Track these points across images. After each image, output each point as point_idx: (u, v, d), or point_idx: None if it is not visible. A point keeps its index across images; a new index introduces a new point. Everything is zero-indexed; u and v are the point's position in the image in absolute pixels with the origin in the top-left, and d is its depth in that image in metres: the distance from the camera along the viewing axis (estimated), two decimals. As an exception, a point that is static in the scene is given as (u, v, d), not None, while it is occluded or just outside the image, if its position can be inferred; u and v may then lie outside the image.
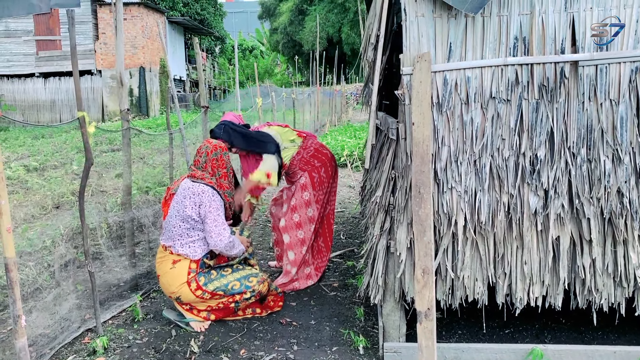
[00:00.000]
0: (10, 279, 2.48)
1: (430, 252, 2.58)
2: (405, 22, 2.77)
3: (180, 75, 27.68)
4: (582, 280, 2.81)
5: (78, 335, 3.33)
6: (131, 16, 22.42)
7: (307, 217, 4.04)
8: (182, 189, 3.42)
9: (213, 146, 3.51)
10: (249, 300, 3.46)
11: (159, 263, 3.46)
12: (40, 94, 22.81)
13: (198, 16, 30.61)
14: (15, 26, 22.30)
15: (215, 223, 3.34)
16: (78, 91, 3.20)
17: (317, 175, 4.05)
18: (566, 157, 2.73)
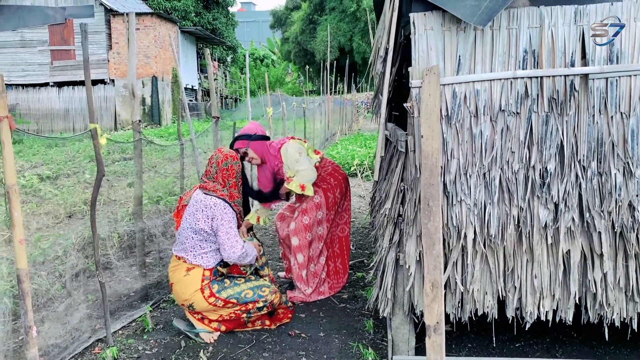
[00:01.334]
0: (22, 290, 2.51)
1: (440, 265, 2.58)
2: (414, 36, 2.78)
3: (192, 85, 27.88)
4: (593, 294, 2.79)
5: (88, 345, 3.35)
6: (144, 26, 22.67)
7: (317, 235, 4.07)
8: (194, 201, 3.45)
9: (224, 156, 3.54)
10: (261, 311, 3.46)
11: (172, 271, 3.48)
12: (54, 103, 23.09)
13: (210, 26, 30.87)
14: (31, 36, 22.64)
15: (228, 236, 3.36)
16: (91, 103, 3.24)
17: (332, 195, 4.09)
18: (576, 171, 2.72)
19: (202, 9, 30.85)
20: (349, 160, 10.22)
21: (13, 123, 2.42)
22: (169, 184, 7.92)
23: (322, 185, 4.05)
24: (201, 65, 30.01)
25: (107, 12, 22.47)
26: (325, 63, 18.08)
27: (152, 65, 23.14)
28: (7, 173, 2.42)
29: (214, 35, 29.49)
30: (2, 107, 2.38)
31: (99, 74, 22.47)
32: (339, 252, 4.29)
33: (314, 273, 4.11)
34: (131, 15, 3.95)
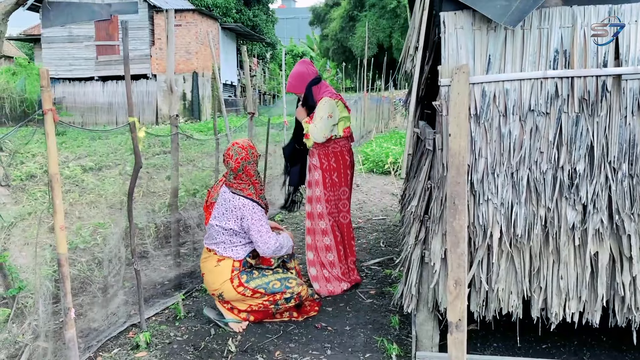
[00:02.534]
0: (62, 273, 2.66)
1: (464, 263, 2.60)
2: (444, 35, 2.80)
3: (232, 81, 28.28)
4: (622, 298, 2.75)
5: (123, 329, 3.50)
6: (186, 22, 23.12)
7: (317, 212, 4.21)
8: (223, 199, 3.55)
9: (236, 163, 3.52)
10: (289, 302, 3.55)
11: (204, 262, 3.60)
12: (98, 97, 23.81)
13: (250, 22, 31.23)
14: (78, 32, 23.39)
15: (260, 233, 3.46)
16: (129, 97, 3.37)
17: (329, 177, 4.20)
18: (606, 172, 2.69)
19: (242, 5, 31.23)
20: (383, 158, 10.21)
21: (57, 116, 2.56)
22: (205, 177, 8.10)
23: (324, 160, 4.17)
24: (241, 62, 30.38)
25: (150, 9, 23.01)
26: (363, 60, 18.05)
27: (193, 61, 23.58)
28: (50, 163, 2.57)
29: (253, 32, 29.81)
30: (46, 100, 2.53)
31: (141, 69, 23.05)
32: (347, 239, 4.37)
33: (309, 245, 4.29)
34: (170, 13, 4.09)
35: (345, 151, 4.27)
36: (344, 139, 4.26)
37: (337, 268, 4.24)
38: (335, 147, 4.20)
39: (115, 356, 3.18)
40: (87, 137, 16.85)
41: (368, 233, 6.07)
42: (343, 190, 4.28)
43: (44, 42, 24.03)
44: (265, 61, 37.58)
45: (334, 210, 4.26)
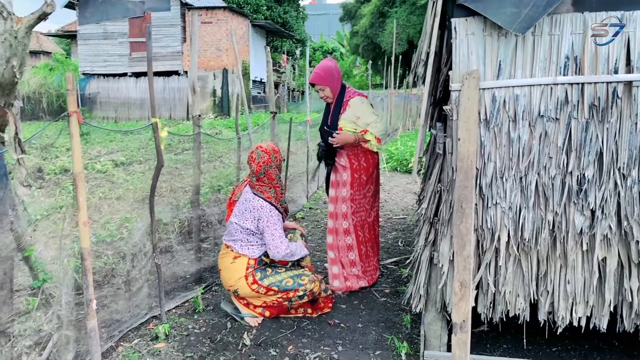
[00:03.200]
0: (84, 266, 2.81)
1: (469, 266, 2.65)
2: (455, 40, 2.85)
3: (262, 77, 28.52)
4: (630, 303, 2.76)
5: (144, 321, 3.66)
6: (217, 20, 23.42)
7: (342, 212, 4.27)
8: (244, 199, 3.68)
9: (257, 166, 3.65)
10: (302, 299, 3.65)
11: (221, 258, 3.73)
12: (131, 93, 24.35)
13: (280, 19, 31.45)
14: (113, 29, 23.94)
15: (273, 237, 3.57)
16: (152, 97, 3.51)
17: (358, 176, 4.25)
18: (615, 178, 2.70)
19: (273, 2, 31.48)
20: (407, 157, 10.22)
21: (81, 117, 2.70)
22: (229, 175, 8.26)
23: (353, 160, 4.22)
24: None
25: (182, 6, 23.38)
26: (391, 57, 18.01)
27: (224, 58, 23.89)
28: (74, 162, 2.72)
29: (283, 29, 29.99)
30: (72, 103, 2.68)
31: (173, 65, 23.47)
32: (369, 237, 4.42)
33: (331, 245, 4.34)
34: (194, 17, 4.23)
35: (368, 150, 4.29)
36: None
37: (358, 267, 4.32)
38: (362, 146, 4.23)
39: (135, 346, 3.33)
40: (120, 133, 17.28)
41: (387, 232, 6.13)
42: (369, 189, 4.34)
43: (79, 38, 24.67)
44: (295, 58, 37.76)
45: (358, 210, 4.32)
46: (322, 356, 3.28)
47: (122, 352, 3.22)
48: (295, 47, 36.69)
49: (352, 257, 4.31)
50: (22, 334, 2.85)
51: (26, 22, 1.83)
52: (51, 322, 3.16)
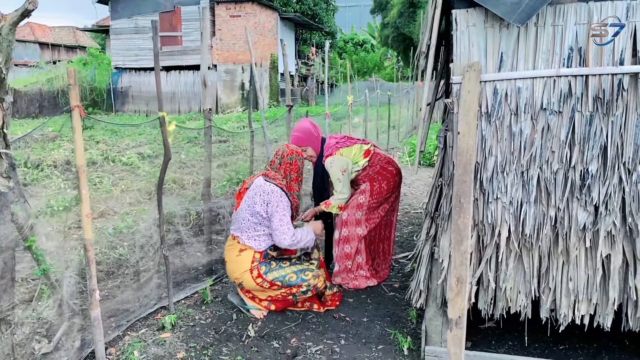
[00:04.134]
0: (88, 257, 2.88)
1: (466, 261, 2.61)
2: (456, 32, 2.80)
3: (290, 70, 28.57)
4: (635, 302, 2.68)
5: (153, 311, 3.73)
6: (245, 13, 23.52)
7: (355, 219, 4.20)
8: (255, 185, 3.70)
9: (290, 150, 3.81)
10: (306, 294, 3.66)
11: (227, 250, 3.77)
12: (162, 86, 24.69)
13: (310, 11, 31.35)
14: (143, 23, 24.29)
15: (281, 222, 3.58)
16: (159, 92, 3.57)
17: (378, 185, 4.21)
18: (620, 173, 2.62)
19: (303, -6, 31.41)
20: (431, 150, 10.10)
21: (83, 112, 2.76)
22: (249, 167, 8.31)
23: (369, 180, 4.21)
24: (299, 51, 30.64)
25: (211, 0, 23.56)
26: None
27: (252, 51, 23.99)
28: (77, 155, 2.78)
29: (312, 22, 29.94)
30: (74, 97, 2.73)
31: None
32: (387, 235, 4.42)
33: (347, 254, 4.26)
34: (205, 12, 4.27)
35: (384, 164, 4.27)
36: (374, 158, 4.25)
37: (364, 269, 4.29)
38: (374, 167, 4.22)
39: (141, 335, 3.40)
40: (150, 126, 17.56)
41: (404, 226, 6.09)
42: (389, 200, 4.32)
43: (112, 33, 25.15)
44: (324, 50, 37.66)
45: (372, 216, 4.29)
46: (324, 349, 3.29)
47: (128, 341, 3.29)
48: (325, 40, 36.59)
49: (360, 260, 4.27)
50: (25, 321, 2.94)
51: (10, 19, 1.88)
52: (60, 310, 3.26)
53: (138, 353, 3.14)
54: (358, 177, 4.22)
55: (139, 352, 3.15)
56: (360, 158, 4.17)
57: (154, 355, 3.17)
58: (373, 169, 4.21)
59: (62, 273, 2.92)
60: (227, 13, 23.68)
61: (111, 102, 25.61)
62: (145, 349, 3.23)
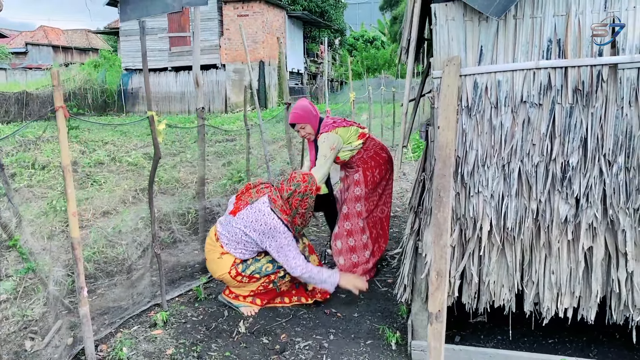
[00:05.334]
0: (75, 255, 2.92)
1: (445, 255, 2.61)
2: (436, 26, 2.80)
3: (298, 69, 28.60)
4: (618, 294, 2.67)
5: (146, 308, 3.78)
6: (252, 12, 23.60)
7: (356, 211, 4.20)
8: (258, 210, 3.55)
9: (304, 187, 3.64)
10: (285, 279, 3.67)
11: (208, 250, 3.75)
12: (171, 87, 24.90)
13: (318, 9, 31.33)
14: (152, 24, 24.51)
15: (287, 258, 3.53)
16: (148, 91, 3.61)
17: (371, 174, 4.21)
18: (601, 165, 2.60)
19: (311, -8, 31.40)
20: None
21: (67, 112, 2.81)
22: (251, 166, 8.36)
23: (362, 165, 4.20)
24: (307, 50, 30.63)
25: (219, 0, 23.66)
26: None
27: (260, 50, 24.07)
28: (62, 155, 2.82)
29: (320, 20, 29.92)
30: (58, 98, 2.78)
31: (211, 59, 23.82)
32: (382, 233, 4.42)
33: (352, 247, 4.26)
34: (196, 11, 4.29)
35: (378, 149, 4.31)
36: (369, 142, 4.27)
37: (370, 263, 4.32)
38: (368, 152, 4.24)
39: (134, 333, 3.45)
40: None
41: (402, 222, 6.08)
42: (381, 185, 4.34)
43: (122, 35, 25.38)
44: (334, 48, 37.62)
45: (371, 207, 4.32)
46: (313, 345, 3.31)
47: (119, 338, 3.34)
48: (334, 37, 36.54)
49: (367, 255, 4.28)
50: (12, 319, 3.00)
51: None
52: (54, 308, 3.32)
53: (127, 349, 3.19)
54: (352, 160, 4.21)
55: (128, 349, 3.19)
56: (355, 139, 4.18)
57: (144, 351, 3.21)
58: (367, 153, 4.22)
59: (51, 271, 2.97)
60: (235, 12, 23.78)
61: (122, 103, 25.85)
62: (136, 345, 3.27)
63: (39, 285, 3.43)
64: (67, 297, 3.73)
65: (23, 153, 10.14)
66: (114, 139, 13.31)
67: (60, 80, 2.79)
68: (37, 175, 8.12)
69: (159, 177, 7.90)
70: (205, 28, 23.58)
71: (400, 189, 7.83)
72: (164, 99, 24.99)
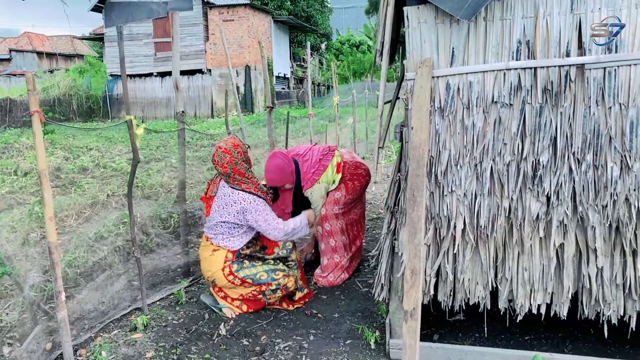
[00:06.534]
0: (52, 260, 2.92)
1: (420, 253, 2.65)
2: (408, 29, 2.84)
3: (285, 73, 28.64)
4: (589, 290, 2.72)
5: (127, 312, 3.77)
6: (238, 17, 23.62)
7: (333, 213, 4.26)
8: (222, 194, 3.66)
9: (222, 167, 3.61)
10: (275, 293, 3.70)
11: (201, 250, 3.80)
12: (157, 92, 24.82)
13: (304, 13, 31.46)
14: (137, 30, 24.45)
15: (267, 222, 3.61)
16: (126, 97, 3.61)
17: (352, 183, 4.31)
18: (570, 163, 2.66)
19: (296, -4, 31.52)
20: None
21: (42, 117, 2.81)
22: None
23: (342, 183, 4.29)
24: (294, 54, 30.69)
25: (204, 5, 23.68)
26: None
27: (246, 55, 24.09)
28: (38, 160, 2.82)
29: (306, 24, 30.02)
30: (33, 103, 2.78)
31: (196, 64, 23.80)
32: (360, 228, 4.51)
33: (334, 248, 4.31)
34: (175, 16, 4.30)
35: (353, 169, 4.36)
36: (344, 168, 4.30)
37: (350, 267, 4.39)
38: (344, 177, 4.30)
39: (113, 337, 3.44)
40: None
41: (385, 223, 6.11)
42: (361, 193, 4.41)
43: (106, 40, 25.27)
44: (320, 52, 37.74)
45: (349, 214, 4.37)
46: (292, 345, 3.33)
47: (99, 342, 3.33)
48: (320, 41, 36.67)
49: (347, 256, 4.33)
50: None
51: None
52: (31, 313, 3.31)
53: (106, 353, 3.18)
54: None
55: (107, 353, 3.19)
56: (336, 176, 4.25)
57: (123, 355, 3.21)
58: (343, 178, 4.30)
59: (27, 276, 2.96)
60: (220, 17, 23.79)
61: (107, 109, 25.71)
62: (115, 349, 3.27)
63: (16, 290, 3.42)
64: (47, 303, 3.72)
65: (5, 160, 10.07)
66: (99, 144, 13.24)
67: (35, 85, 2.79)
68: (19, 181, 8.05)
69: (142, 182, 7.88)
70: (191, 33, 23.57)
71: (384, 190, 7.88)
72: (150, 104, 24.90)
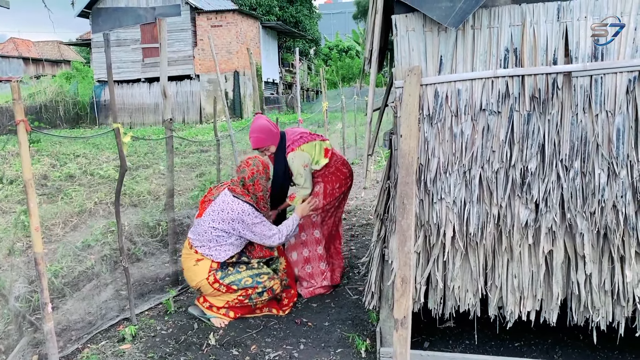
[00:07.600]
0: (38, 271, 2.88)
1: (410, 261, 2.65)
2: (397, 37, 2.85)
3: (274, 78, 28.64)
4: (578, 296, 2.73)
5: (115, 323, 3.73)
6: (226, 22, 23.61)
7: (311, 221, 4.21)
8: (222, 200, 3.65)
9: (250, 171, 3.71)
10: (262, 296, 3.68)
11: (184, 259, 3.76)
12: (145, 98, 24.71)
13: (293, 19, 31.52)
14: (125, 36, 24.33)
15: (263, 232, 3.62)
16: (113, 104, 3.58)
17: (331, 187, 4.21)
18: (558, 170, 2.67)
19: (285, 2, 31.55)
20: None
21: (28, 126, 2.78)
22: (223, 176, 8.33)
23: (324, 179, 4.20)
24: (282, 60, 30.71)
25: (192, 10, 23.65)
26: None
27: (234, 60, 24.07)
28: (24, 169, 2.79)
29: (294, 30, 30.07)
30: (19, 112, 2.75)
31: (185, 69, 23.73)
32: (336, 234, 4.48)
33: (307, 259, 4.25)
34: (163, 22, 4.28)
35: (340, 165, 4.29)
36: (332, 158, 4.25)
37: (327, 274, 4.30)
38: (330, 168, 4.22)
39: (101, 348, 3.40)
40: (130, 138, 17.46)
41: (375, 230, 6.11)
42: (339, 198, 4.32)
43: (94, 46, 25.13)
44: (309, 58, 37.81)
45: (327, 220, 4.32)
46: (283, 355, 3.31)
47: (86, 354, 3.29)
48: (309, 47, 36.74)
49: (323, 267, 4.26)
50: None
51: None
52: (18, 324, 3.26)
53: (94, 365, 3.14)
54: (314, 174, 4.20)
55: (94, 364, 3.15)
56: (321, 157, 4.16)
57: (111, 366, 3.17)
58: (329, 169, 4.20)
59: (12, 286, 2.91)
60: (209, 23, 23.75)
61: (95, 115, 25.54)
62: (103, 360, 3.23)
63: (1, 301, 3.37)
64: (33, 314, 3.67)
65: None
66: (86, 151, 13.13)
67: (20, 94, 2.76)
68: (5, 189, 7.96)
69: (130, 189, 7.82)
70: (179, 39, 23.50)
71: (374, 196, 7.88)
72: (138, 110, 24.78)
